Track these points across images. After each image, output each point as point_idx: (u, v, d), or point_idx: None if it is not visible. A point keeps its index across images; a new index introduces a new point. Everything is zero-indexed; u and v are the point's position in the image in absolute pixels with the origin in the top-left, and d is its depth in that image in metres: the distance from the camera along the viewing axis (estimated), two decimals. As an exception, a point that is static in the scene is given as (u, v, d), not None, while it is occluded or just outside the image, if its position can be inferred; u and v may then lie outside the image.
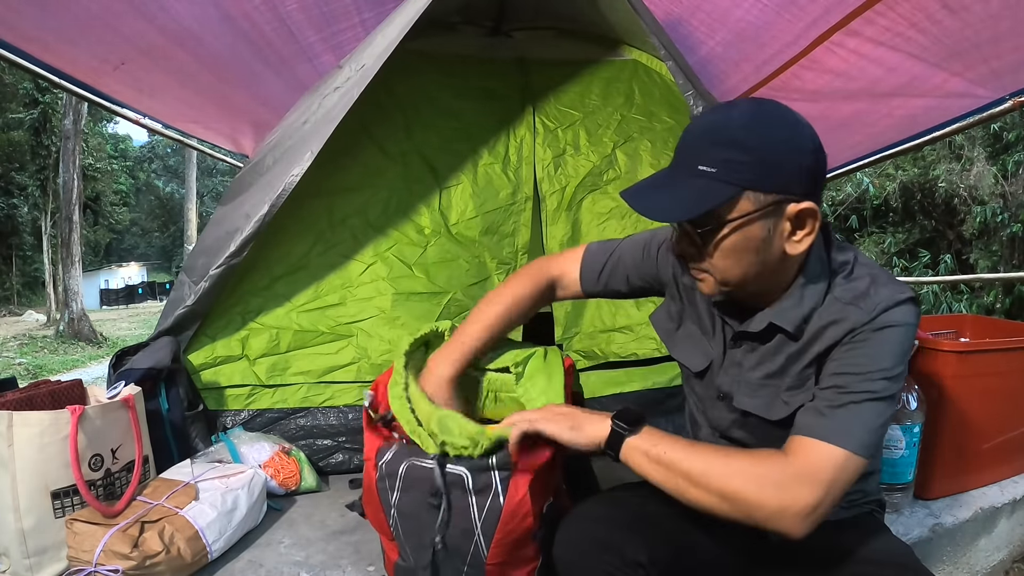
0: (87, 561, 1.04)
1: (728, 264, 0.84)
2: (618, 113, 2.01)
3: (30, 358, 9.51)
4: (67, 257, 11.30)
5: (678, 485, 0.83)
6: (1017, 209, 6.93)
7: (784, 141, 0.80)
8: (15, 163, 16.61)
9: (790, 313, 0.88)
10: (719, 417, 1.02)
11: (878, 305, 0.83)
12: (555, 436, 0.91)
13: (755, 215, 0.80)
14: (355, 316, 1.73)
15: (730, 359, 0.98)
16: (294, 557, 1.25)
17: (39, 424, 1.07)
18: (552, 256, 1.23)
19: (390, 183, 1.82)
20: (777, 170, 0.79)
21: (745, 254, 0.83)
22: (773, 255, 0.84)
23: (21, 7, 1.77)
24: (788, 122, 0.81)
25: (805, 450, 0.81)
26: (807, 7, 1.90)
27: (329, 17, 2.15)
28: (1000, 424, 1.59)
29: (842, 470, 0.79)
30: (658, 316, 1.12)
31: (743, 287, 0.88)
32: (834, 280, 0.88)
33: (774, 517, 0.78)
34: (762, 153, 0.79)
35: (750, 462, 0.82)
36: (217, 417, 1.63)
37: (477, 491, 0.92)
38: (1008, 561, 1.67)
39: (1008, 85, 2.08)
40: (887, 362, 0.82)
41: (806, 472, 0.78)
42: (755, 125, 0.80)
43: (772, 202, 0.80)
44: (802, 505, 0.77)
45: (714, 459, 0.82)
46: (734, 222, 0.80)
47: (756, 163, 0.78)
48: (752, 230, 0.81)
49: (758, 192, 0.79)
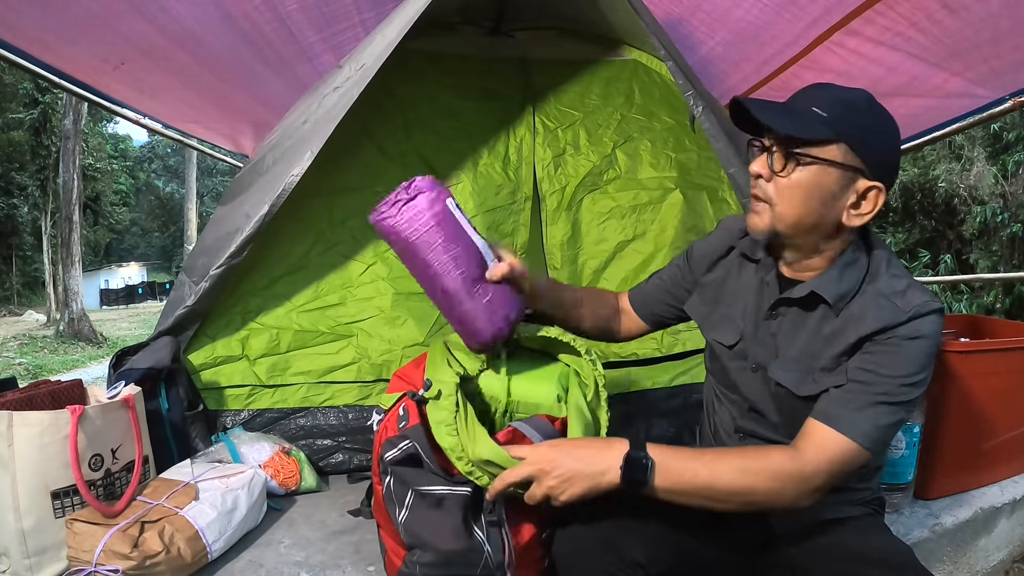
0: (87, 561, 1.04)
1: (792, 199, 0.90)
2: (618, 113, 2.01)
3: (30, 358, 9.51)
4: (67, 257, 11.30)
5: (706, 503, 0.88)
6: (1017, 209, 6.93)
7: (887, 130, 0.90)
8: (15, 163, 16.60)
9: (831, 287, 0.92)
10: (751, 390, 1.03)
11: (913, 307, 0.87)
12: (575, 499, 0.89)
13: (838, 166, 0.87)
14: (355, 316, 1.73)
15: (764, 331, 1.01)
16: (294, 557, 1.25)
17: (39, 424, 1.07)
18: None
19: (390, 183, 1.80)
20: (872, 146, 0.87)
21: (811, 197, 0.89)
22: (831, 215, 0.90)
23: (21, 7, 1.77)
24: (891, 121, 0.91)
25: (820, 439, 0.87)
26: (807, 7, 1.90)
27: (329, 17, 2.15)
28: (1000, 424, 1.59)
29: (848, 459, 0.86)
30: (692, 304, 1.17)
31: (793, 233, 0.93)
32: (872, 270, 0.93)
33: (790, 505, 0.87)
34: (869, 125, 0.88)
35: (763, 462, 0.87)
36: (217, 417, 1.63)
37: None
38: (1008, 561, 1.67)
39: (1008, 85, 2.08)
40: (911, 370, 0.87)
41: (818, 464, 0.86)
42: (873, 105, 0.90)
43: (854, 166, 0.87)
44: (811, 490, 0.86)
45: (729, 470, 0.86)
46: (819, 160, 0.87)
47: (861, 128, 0.87)
48: (828, 176, 0.88)
49: (850, 149, 0.86)
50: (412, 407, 1.03)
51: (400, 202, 1.02)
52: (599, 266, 1.93)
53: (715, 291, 1.11)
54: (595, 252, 1.93)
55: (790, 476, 0.85)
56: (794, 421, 0.93)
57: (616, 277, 1.93)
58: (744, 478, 0.85)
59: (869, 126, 0.88)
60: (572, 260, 1.91)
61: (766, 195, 0.92)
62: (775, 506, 0.88)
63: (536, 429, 1.02)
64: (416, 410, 1.02)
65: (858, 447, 0.85)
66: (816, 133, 0.86)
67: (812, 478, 0.85)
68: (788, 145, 0.89)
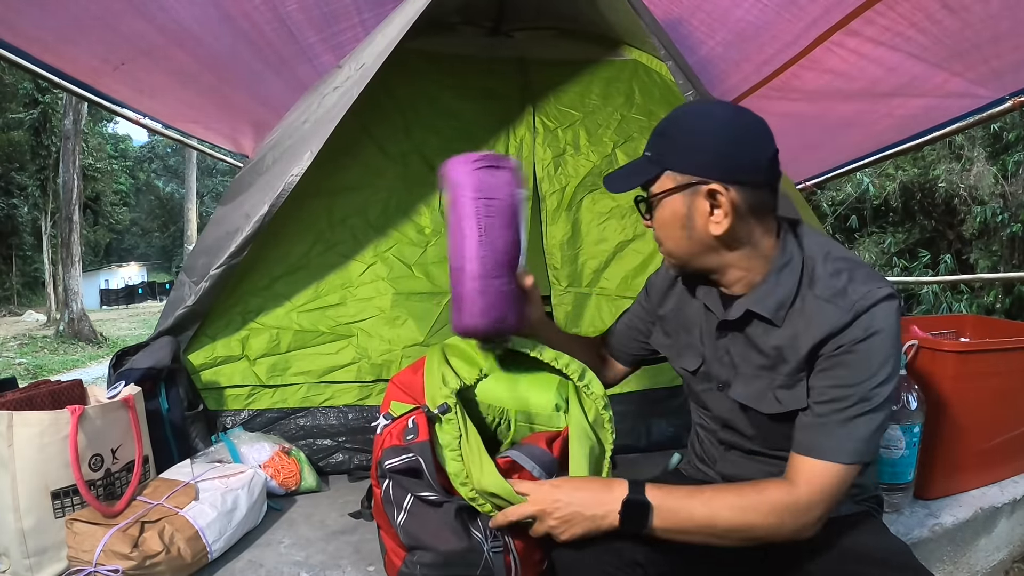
0: (87, 561, 1.04)
1: (664, 236, 0.97)
2: (618, 113, 2.01)
3: (30, 358, 9.51)
4: (67, 257, 11.30)
5: (706, 540, 0.89)
6: (1017, 209, 6.92)
7: (704, 131, 0.91)
8: (15, 163, 16.60)
9: (766, 300, 0.92)
10: (720, 408, 1.04)
11: (856, 304, 0.86)
12: (576, 538, 0.90)
13: (673, 191, 0.92)
14: (355, 316, 1.73)
15: (720, 350, 1.02)
16: (294, 557, 1.24)
17: (39, 424, 1.07)
18: None
19: (390, 183, 1.82)
20: (686, 156, 0.91)
21: (673, 228, 0.94)
22: (700, 232, 0.92)
23: (21, 7, 1.78)
24: (715, 114, 0.92)
25: (808, 472, 0.87)
26: (807, 7, 1.90)
27: (329, 17, 2.15)
28: (1000, 424, 1.59)
29: (841, 481, 0.86)
30: (656, 338, 1.19)
31: (689, 262, 0.97)
32: (808, 271, 0.92)
33: (792, 537, 0.87)
34: (682, 138, 0.92)
35: (759, 497, 0.87)
36: (217, 417, 1.63)
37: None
38: (1008, 561, 1.67)
39: (1008, 85, 2.08)
40: (877, 370, 0.85)
41: (811, 495, 0.86)
42: (684, 116, 0.94)
43: (687, 183, 0.90)
44: (813, 520, 0.87)
45: (727, 508, 0.87)
46: (658, 196, 0.94)
47: (672, 146, 0.92)
48: (673, 205, 0.92)
49: (675, 172, 0.91)
50: (423, 422, 1.01)
51: (490, 164, 1.04)
52: (599, 266, 1.93)
53: (673, 321, 1.13)
54: (595, 252, 1.93)
55: (787, 509, 0.85)
56: (770, 434, 0.96)
57: (616, 277, 1.93)
58: (743, 515, 0.86)
59: (678, 141, 0.92)
60: (572, 260, 1.91)
61: (656, 240, 1.00)
62: (777, 539, 0.87)
63: (533, 459, 1.01)
64: (426, 426, 1.01)
65: (848, 467, 0.85)
66: (642, 176, 0.94)
67: (809, 510, 0.85)
68: (642, 196, 0.98)
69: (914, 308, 7.05)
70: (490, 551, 0.95)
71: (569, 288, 1.90)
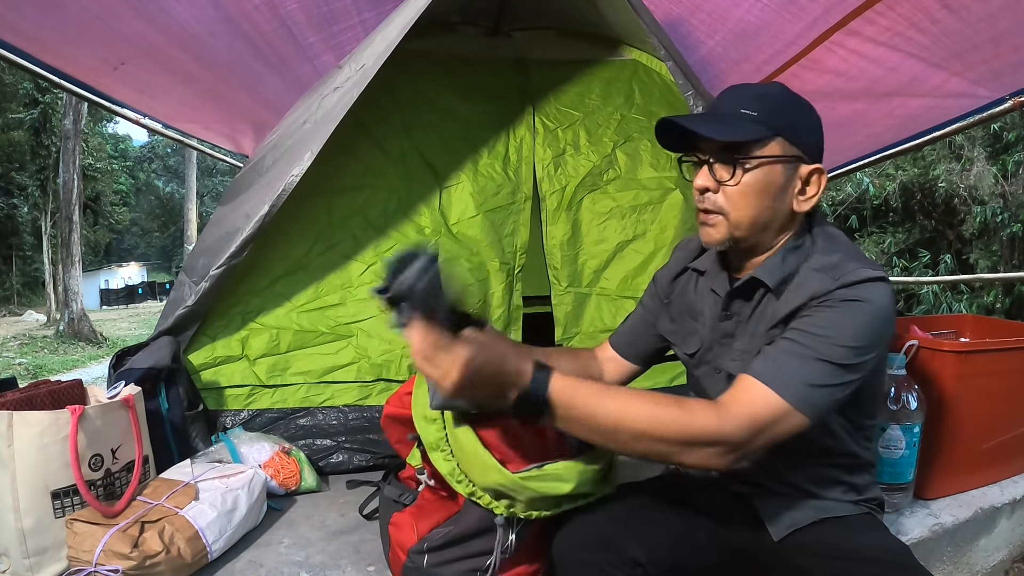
0: (87, 561, 1.04)
1: (746, 203, 0.92)
2: (618, 113, 2.01)
3: (30, 358, 9.51)
4: (67, 257, 11.30)
5: (606, 442, 0.83)
6: (1017, 209, 6.92)
7: (811, 114, 0.94)
8: (15, 163, 16.60)
9: (773, 272, 0.94)
10: (717, 392, 1.02)
11: (842, 277, 0.86)
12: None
13: (781, 159, 0.90)
14: (355, 316, 1.73)
15: (721, 333, 1.02)
16: (294, 557, 1.25)
17: (39, 424, 1.07)
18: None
19: (390, 183, 1.82)
20: (804, 132, 0.92)
21: (763, 197, 0.91)
22: (783, 206, 0.93)
23: (21, 7, 1.78)
24: (809, 104, 0.95)
25: (744, 392, 0.83)
26: (807, 7, 1.90)
27: (329, 17, 2.15)
28: (1000, 424, 1.59)
29: (775, 418, 0.81)
30: (662, 325, 1.18)
31: (751, 233, 0.94)
32: (813, 251, 0.94)
33: (702, 463, 0.81)
34: (797, 114, 0.93)
35: (679, 409, 0.81)
36: (217, 417, 1.63)
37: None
38: (1008, 561, 1.67)
39: (1008, 85, 2.08)
40: (848, 332, 0.83)
41: (739, 418, 0.81)
42: (791, 94, 0.94)
43: (795, 155, 0.91)
44: (728, 449, 0.81)
45: (640, 412, 0.81)
46: (763, 160, 0.90)
47: (790, 117, 0.91)
48: (774, 173, 0.91)
49: (788, 141, 0.90)
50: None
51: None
52: (599, 266, 1.93)
53: (678, 308, 1.14)
54: (595, 252, 1.93)
55: (705, 427, 0.80)
56: None
57: (616, 277, 1.93)
58: (654, 425, 0.80)
59: (796, 114, 0.92)
60: (572, 260, 1.91)
61: (717, 206, 0.93)
62: (686, 461, 0.82)
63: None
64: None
65: (787, 405, 0.80)
66: (754, 134, 0.89)
67: (731, 436, 0.80)
68: (728, 152, 0.91)
69: (914, 308, 7.05)
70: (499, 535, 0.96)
71: (569, 288, 1.90)
